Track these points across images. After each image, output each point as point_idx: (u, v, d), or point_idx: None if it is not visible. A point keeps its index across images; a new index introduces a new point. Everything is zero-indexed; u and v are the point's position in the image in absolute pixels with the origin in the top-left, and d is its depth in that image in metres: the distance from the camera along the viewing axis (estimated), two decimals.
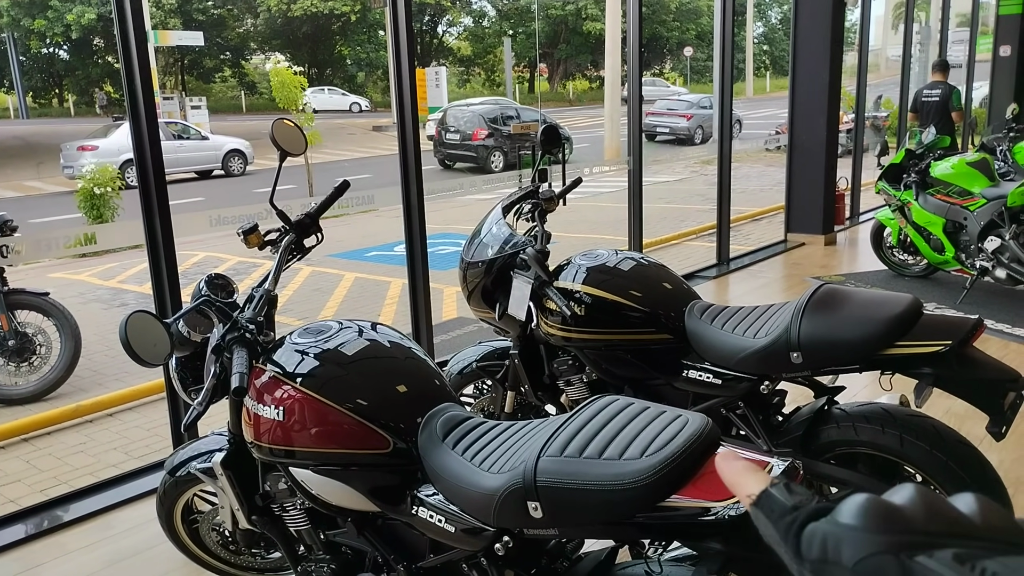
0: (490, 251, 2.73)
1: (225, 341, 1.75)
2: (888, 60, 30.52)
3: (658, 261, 2.70)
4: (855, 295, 2.18)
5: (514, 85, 32.40)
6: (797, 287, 6.16)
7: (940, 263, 5.70)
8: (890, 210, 5.95)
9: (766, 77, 41.40)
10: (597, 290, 2.51)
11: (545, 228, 2.74)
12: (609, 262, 2.61)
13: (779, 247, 7.47)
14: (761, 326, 2.29)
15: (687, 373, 2.42)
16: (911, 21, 10.61)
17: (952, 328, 2.00)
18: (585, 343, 2.53)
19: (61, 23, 30.17)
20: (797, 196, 7.58)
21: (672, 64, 43.61)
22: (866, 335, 2.04)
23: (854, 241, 7.80)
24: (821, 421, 2.25)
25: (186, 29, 30.80)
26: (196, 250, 8.71)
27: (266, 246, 2.07)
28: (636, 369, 2.51)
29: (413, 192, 4.19)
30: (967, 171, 5.44)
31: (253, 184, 15.09)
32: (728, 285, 6.43)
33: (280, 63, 14.41)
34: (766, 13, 42.44)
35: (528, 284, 2.56)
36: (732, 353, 2.29)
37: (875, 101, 16.41)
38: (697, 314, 2.44)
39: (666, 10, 38.18)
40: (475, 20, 40.57)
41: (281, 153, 2.05)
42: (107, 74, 33.39)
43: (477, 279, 2.76)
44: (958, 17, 17.06)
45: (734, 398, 2.35)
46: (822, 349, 2.11)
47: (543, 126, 2.90)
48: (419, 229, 4.22)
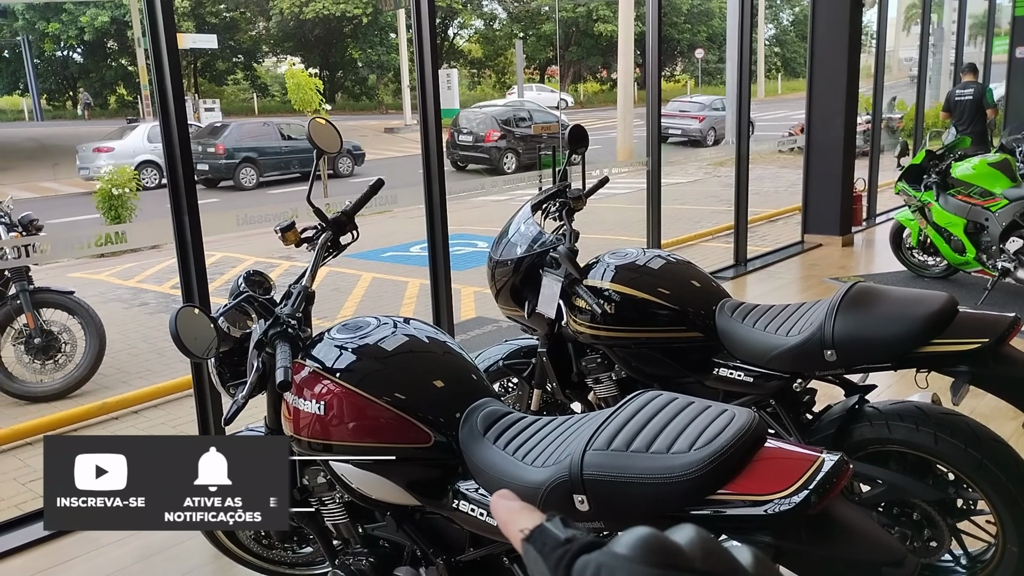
0: (519, 249, 2.75)
1: (268, 336, 1.77)
2: (900, 62, 30.41)
3: (686, 259, 2.71)
4: (890, 293, 2.19)
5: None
6: (815, 288, 6.14)
7: (961, 264, 5.68)
8: (910, 211, 5.93)
9: (777, 79, 41.28)
10: (627, 288, 2.52)
11: (573, 227, 2.76)
12: (638, 260, 2.62)
13: (796, 248, 7.45)
14: (794, 324, 2.29)
15: (718, 371, 2.42)
16: (928, 23, 10.58)
17: (989, 325, 2.01)
18: (615, 341, 2.54)
19: (75, 26, 30.41)
20: (814, 197, 7.56)
21: (683, 66, 43.52)
22: (901, 333, 2.05)
23: (871, 242, 7.77)
24: (853, 419, 2.25)
25: (199, 32, 31.00)
26: (213, 251, 8.76)
27: (303, 243, 2.09)
28: (666, 367, 2.52)
29: (436, 192, 4.21)
30: (988, 172, 5.42)
31: (266, 186, 15.17)
32: (746, 286, 6.43)
33: (295, 65, 14.43)
34: (777, 15, 42.32)
35: (558, 282, 2.57)
36: (764, 351, 2.29)
37: (889, 102, 16.35)
38: (728, 312, 2.45)
39: (677, 12, 38.10)
40: (486, 23, 40.63)
41: (317, 151, 2.07)
42: (120, 76, 33.62)
43: (506, 277, 2.77)
44: (972, 19, 16.99)
45: (765, 396, 2.35)
46: (857, 346, 2.12)
47: (570, 126, 2.91)
48: (441, 229, 4.24)
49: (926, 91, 10.84)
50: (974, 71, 8.88)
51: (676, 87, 38.59)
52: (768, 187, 13.17)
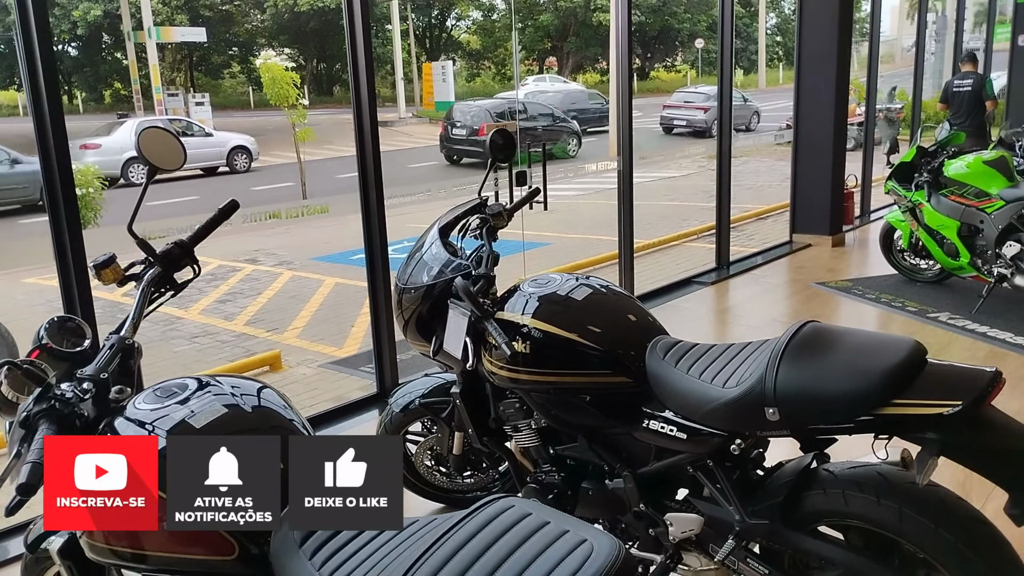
0: (426, 276, 2.38)
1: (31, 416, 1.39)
2: (903, 50, 29.88)
3: (620, 290, 2.34)
4: (845, 338, 1.81)
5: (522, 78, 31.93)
6: (801, 293, 5.76)
7: (954, 269, 5.29)
8: (900, 211, 5.54)
9: (779, 68, 40.71)
10: (547, 325, 2.15)
11: (494, 248, 2.38)
12: (561, 291, 2.25)
13: (784, 248, 7.06)
14: (734, 372, 1.92)
15: (648, 423, 2.05)
16: (925, 10, 10.17)
17: (964, 383, 1.62)
18: (532, 385, 2.18)
19: (68, 20, 30.05)
20: (803, 195, 7.17)
21: (684, 56, 42.99)
22: (857, 390, 1.67)
23: (864, 242, 7.37)
24: (806, 484, 1.88)
25: (193, 25, 30.63)
26: None
27: (127, 282, 1.71)
28: (590, 416, 2.15)
29: (372, 200, 3.84)
30: (984, 170, 5.02)
31: (255, 181, 14.77)
32: (727, 291, 6.05)
33: (271, 59, 14.01)
34: (779, 3, 41.71)
35: (465, 316, 2.20)
36: (698, 404, 1.92)
37: (889, 92, 15.89)
38: (660, 353, 2.07)
39: (677, 2, 37.59)
40: (484, 14, 40.12)
41: (150, 168, 1.69)
42: (115, 71, 33.25)
43: (413, 307, 2.40)
44: (975, 6, 16.51)
45: (701, 456, 1.98)
46: (803, 405, 1.74)
47: (494, 130, 2.53)
48: (379, 239, 3.88)
49: (927, 81, 10.43)
50: (973, 60, 8.43)
51: (677, 77, 38.10)
52: (763, 181, 12.77)
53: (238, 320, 5.91)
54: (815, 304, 5.44)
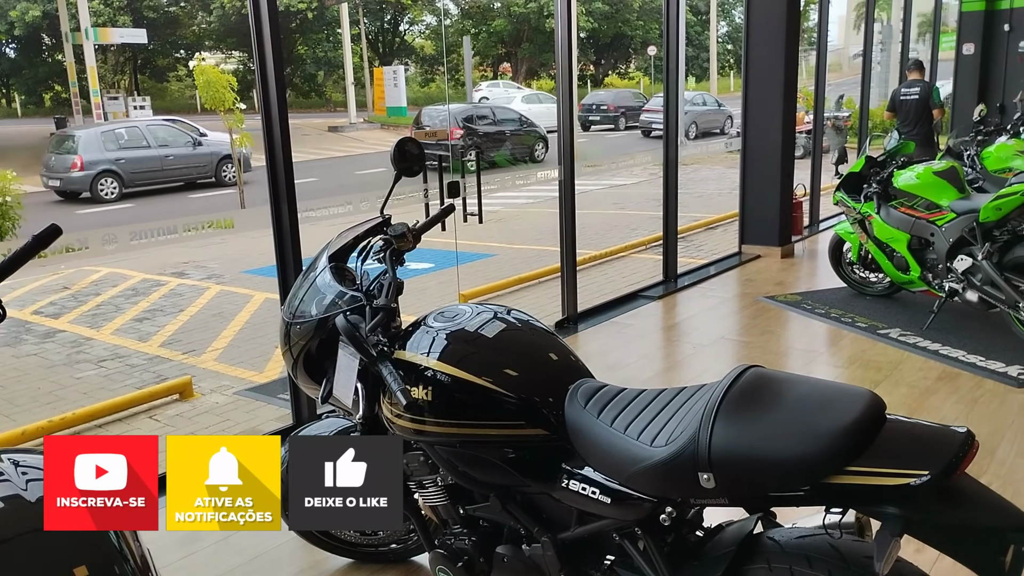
0: (315, 308, 2.06)
1: None
2: (850, 59, 30.39)
3: (540, 324, 2.04)
4: (792, 388, 1.53)
5: (474, 84, 31.62)
6: (749, 308, 5.56)
7: (904, 283, 5.13)
8: (849, 223, 5.37)
9: (730, 76, 41.16)
10: (454, 368, 1.85)
11: (397, 275, 2.06)
12: (472, 326, 1.94)
13: (733, 260, 6.88)
14: (663, 426, 1.63)
15: (568, 483, 1.76)
16: (872, 20, 10.17)
17: (931, 448, 1.35)
18: (434, 437, 1.87)
19: (5, 20, 28.96)
20: (751, 205, 7.00)
21: (637, 63, 43.21)
22: (806, 456, 1.39)
23: (813, 253, 7.23)
24: (748, 556, 1.60)
25: (137, 27, 29.76)
26: (99, 266, 7.90)
27: None
28: (501, 474, 1.85)
29: (285, 215, 3.50)
30: (934, 181, 4.86)
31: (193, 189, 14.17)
32: (675, 305, 5.82)
33: (204, 60, 13.46)
34: (730, 12, 42.20)
35: (355, 358, 1.88)
36: (622, 464, 1.63)
37: (837, 101, 15.99)
38: (581, 401, 1.78)
39: (629, 9, 37.75)
40: (437, 18, 39.77)
41: None
42: (55, 73, 32.16)
43: (301, 342, 2.08)
44: (919, 17, 16.73)
45: (628, 523, 1.70)
46: (743, 472, 1.46)
47: (401, 139, 2.22)
48: (293, 259, 3.53)
49: (874, 90, 10.41)
50: (920, 68, 8.38)
51: (630, 84, 38.24)
52: (713, 189, 12.67)
53: (153, 341, 5.49)
54: (764, 319, 5.24)
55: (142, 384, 4.59)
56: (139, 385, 4.58)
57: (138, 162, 12.88)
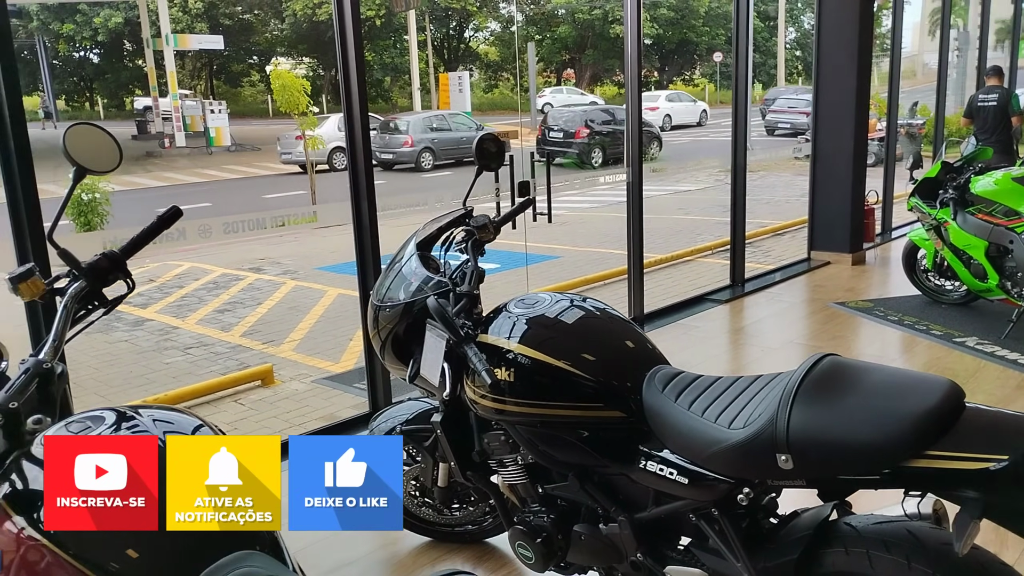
0: (403, 293, 2.17)
1: None
2: (925, 66, 29.51)
3: (617, 313, 2.12)
4: (870, 375, 1.57)
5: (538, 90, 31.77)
6: (819, 314, 5.51)
7: (982, 291, 5.02)
8: (924, 229, 5.29)
9: (798, 83, 40.42)
10: (534, 351, 1.94)
11: (479, 264, 2.17)
12: (552, 312, 2.03)
13: (801, 266, 6.81)
14: (741, 410, 1.69)
15: (645, 464, 1.83)
16: (947, 26, 9.93)
17: (1010, 433, 1.39)
18: (516, 417, 1.96)
19: (89, 27, 30.30)
20: (822, 211, 6.92)
21: (702, 70, 42.78)
22: (884, 439, 1.44)
23: (885, 260, 7.10)
24: (824, 540, 1.65)
25: (213, 33, 30.81)
26: (181, 260, 8.25)
27: (51, 297, 1.51)
28: (580, 454, 1.93)
29: (364, 210, 3.65)
30: (1013, 187, 4.76)
31: (268, 188, 14.64)
32: (743, 309, 5.81)
33: (280, 64, 13.91)
34: (799, 18, 41.46)
35: (443, 339, 1.99)
36: (701, 445, 1.70)
37: (911, 108, 15.59)
38: (659, 386, 1.85)
39: (695, 15, 37.42)
40: (503, 25, 40.10)
41: (77, 170, 1.49)
42: (136, 78, 33.48)
43: (389, 327, 2.20)
44: (998, 23, 16.21)
45: (706, 503, 1.75)
46: (820, 454, 1.51)
47: (479, 136, 2.33)
48: (372, 253, 3.68)
49: (949, 97, 10.15)
50: (999, 74, 8.15)
51: (696, 91, 37.89)
52: (780, 196, 12.50)
53: (235, 331, 5.73)
54: (834, 325, 5.19)
55: (226, 370, 4.81)
56: (223, 371, 4.80)
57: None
